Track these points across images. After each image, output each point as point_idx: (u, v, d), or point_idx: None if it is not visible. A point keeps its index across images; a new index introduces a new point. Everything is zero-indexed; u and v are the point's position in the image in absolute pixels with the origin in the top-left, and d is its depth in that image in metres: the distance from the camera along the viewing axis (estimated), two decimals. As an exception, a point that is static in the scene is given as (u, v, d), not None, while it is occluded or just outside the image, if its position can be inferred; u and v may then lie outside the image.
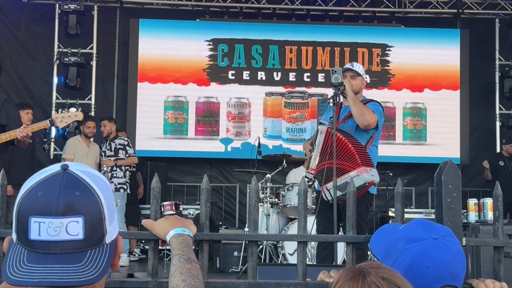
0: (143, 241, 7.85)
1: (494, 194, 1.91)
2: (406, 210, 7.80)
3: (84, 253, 1.04)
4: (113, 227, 1.10)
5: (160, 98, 9.29)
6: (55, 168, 1.08)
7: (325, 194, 4.29)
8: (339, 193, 4.08)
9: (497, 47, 9.69)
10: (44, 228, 1.02)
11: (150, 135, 9.10)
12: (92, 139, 7.73)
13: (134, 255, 7.81)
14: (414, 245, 1.39)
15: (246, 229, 6.68)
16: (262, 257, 6.56)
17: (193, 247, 1.67)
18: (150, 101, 9.24)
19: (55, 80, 9.20)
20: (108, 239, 1.08)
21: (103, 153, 7.53)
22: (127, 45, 9.43)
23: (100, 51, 9.43)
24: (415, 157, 9.40)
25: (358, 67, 4.73)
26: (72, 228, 1.02)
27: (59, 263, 1.02)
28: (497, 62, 9.65)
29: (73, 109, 4.99)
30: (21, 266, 1.02)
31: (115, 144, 7.53)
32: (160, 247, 1.79)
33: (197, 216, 7.13)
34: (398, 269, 1.37)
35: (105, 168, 7.22)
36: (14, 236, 1.07)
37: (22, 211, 1.04)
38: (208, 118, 9.36)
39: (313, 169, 4.39)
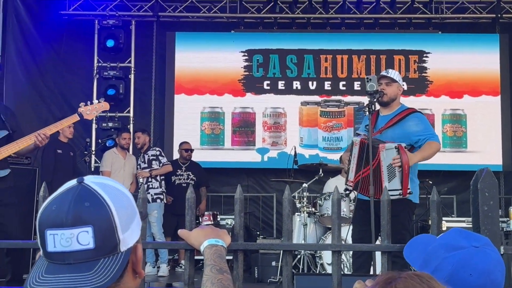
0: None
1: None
2: (447, 218, 7.76)
3: (96, 261, 1.07)
4: (129, 235, 1.12)
5: (197, 110, 9.38)
6: (72, 182, 1.12)
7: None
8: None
9: (537, 51, 9.48)
10: (58, 240, 1.06)
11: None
12: (130, 151, 7.84)
13: (181, 266, 7.81)
14: (456, 253, 1.38)
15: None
16: (300, 267, 6.53)
17: (228, 257, 1.68)
18: (187, 113, 9.35)
19: (95, 93, 9.40)
20: (123, 247, 1.11)
21: (138, 166, 7.63)
22: (164, 58, 9.57)
23: (138, 65, 9.60)
24: (456, 165, 9.23)
25: (393, 73, 4.69)
26: (82, 238, 1.06)
27: (71, 273, 1.06)
28: (538, 67, 9.44)
29: (96, 101, 5.01)
30: (39, 277, 1.07)
31: (148, 156, 7.63)
32: (196, 257, 1.81)
33: (233, 227, 7.15)
34: (438, 277, 1.36)
35: (141, 180, 7.30)
36: (41, 250, 1.12)
37: (40, 225, 1.09)
38: (244, 128, 9.40)
39: (352, 181, 4.39)
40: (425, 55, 9.48)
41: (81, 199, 1.08)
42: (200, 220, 7.55)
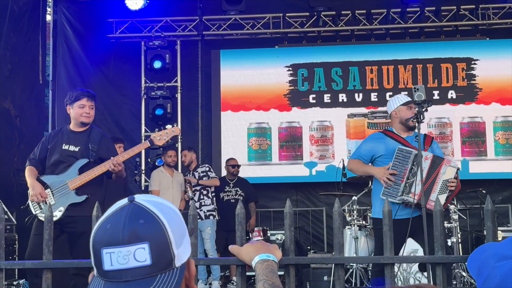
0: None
1: None
2: (502, 228, 7.53)
3: (154, 278, 1.08)
4: (182, 250, 1.14)
5: (243, 126, 9.44)
6: (123, 201, 1.14)
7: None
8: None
9: None
10: (115, 258, 1.07)
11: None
12: (179, 169, 7.91)
13: (232, 283, 7.82)
14: (506, 262, 1.34)
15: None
16: (353, 281, 6.46)
17: (279, 272, 1.68)
18: (233, 129, 9.42)
19: (143, 113, 9.58)
20: (178, 262, 1.12)
21: (188, 185, 7.68)
22: (209, 75, 9.69)
23: (184, 83, 9.74)
24: (510, 173, 8.98)
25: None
26: (139, 254, 1.07)
27: None
28: None
29: (169, 126, 5.12)
30: None
31: (198, 173, 7.68)
32: (248, 273, 1.82)
33: (284, 241, 7.13)
34: (489, 287, 1.33)
35: (191, 195, 7.33)
36: (94, 270, 1.13)
37: (95, 244, 1.11)
38: (291, 142, 9.40)
39: (417, 194, 4.37)
40: (473, 62, 9.30)
41: (135, 216, 1.10)
42: (250, 235, 7.56)
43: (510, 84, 9.18)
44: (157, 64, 9.37)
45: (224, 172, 8.71)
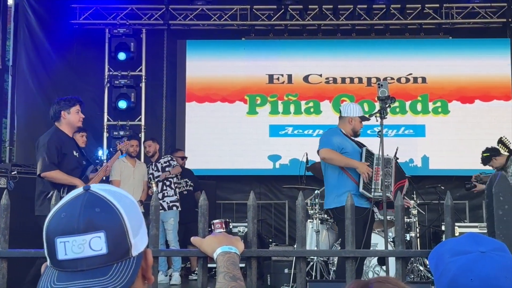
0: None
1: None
2: (460, 224, 7.70)
3: (109, 267, 1.06)
4: (139, 240, 1.12)
5: (208, 117, 9.39)
6: (79, 190, 1.12)
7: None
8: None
9: (549, 55, 9.43)
10: (69, 247, 1.05)
11: (199, 154, 9.19)
12: (142, 159, 7.83)
13: (194, 274, 7.78)
14: (459, 258, 1.37)
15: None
16: (313, 274, 6.50)
17: (241, 264, 1.67)
18: (198, 121, 9.36)
19: (106, 102, 9.44)
20: (135, 252, 1.10)
21: (151, 175, 7.61)
22: (175, 66, 9.61)
23: (148, 73, 9.63)
24: (468, 170, 9.16)
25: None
26: (95, 243, 1.05)
27: (86, 279, 1.04)
28: (550, 70, 9.38)
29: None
30: (50, 286, 1.05)
31: (161, 164, 7.63)
32: (209, 265, 1.81)
33: (246, 234, 7.14)
34: (443, 281, 1.36)
35: (154, 189, 7.28)
36: (48, 260, 1.10)
37: (48, 233, 1.08)
38: (255, 135, 9.40)
39: (391, 192, 4.93)
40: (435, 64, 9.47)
41: (91, 205, 1.08)
42: (212, 227, 7.54)
43: (471, 83, 9.37)
44: (122, 56, 9.24)
45: (188, 163, 8.66)
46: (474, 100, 9.38)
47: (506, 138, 6.58)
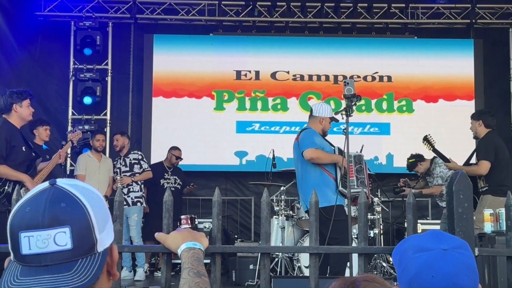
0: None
1: (506, 204, 1.90)
2: (422, 221, 7.83)
3: (74, 262, 1.05)
4: (105, 235, 1.11)
5: (175, 113, 9.34)
6: (44, 184, 1.10)
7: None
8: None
9: (511, 56, 9.64)
10: (34, 242, 1.04)
11: (165, 149, 9.12)
12: (107, 153, 7.75)
13: (160, 270, 7.76)
14: (422, 255, 1.40)
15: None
16: (278, 270, 6.54)
17: (206, 260, 1.68)
18: (164, 116, 9.30)
19: (71, 96, 9.30)
20: (100, 247, 1.10)
21: (118, 170, 7.54)
22: (142, 60, 9.52)
23: (115, 67, 9.52)
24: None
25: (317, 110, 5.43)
26: (60, 238, 1.04)
27: (50, 274, 1.04)
28: (512, 72, 9.61)
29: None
30: (14, 280, 1.04)
31: (130, 160, 7.55)
32: (173, 261, 1.81)
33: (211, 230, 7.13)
34: (405, 278, 1.38)
35: (119, 184, 7.23)
36: (11, 255, 1.09)
37: (12, 228, 1.06)
38: (222, 131, 9.39)
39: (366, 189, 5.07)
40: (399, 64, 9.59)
41: (57, 199, 1.07)
42: (178, 223, 7.52)
43: (435, 82, 9.53)
44: (88, 52, 9.10)
45: (154, 158, 8.62)
46: (438, 99, 9.54)
47: (431, 136, 6.65)
